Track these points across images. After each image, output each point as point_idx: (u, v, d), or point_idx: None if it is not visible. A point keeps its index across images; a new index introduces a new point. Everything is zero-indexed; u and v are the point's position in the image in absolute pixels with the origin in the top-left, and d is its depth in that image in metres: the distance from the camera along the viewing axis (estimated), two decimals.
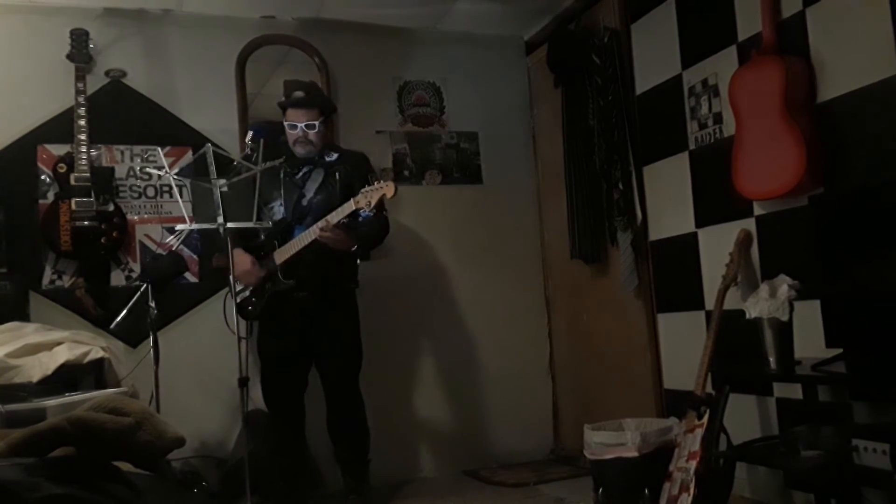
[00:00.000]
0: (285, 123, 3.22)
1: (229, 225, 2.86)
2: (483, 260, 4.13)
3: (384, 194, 2.87)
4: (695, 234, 3.19)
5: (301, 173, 3.26)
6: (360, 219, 3.08)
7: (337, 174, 3.19)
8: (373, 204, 2.87)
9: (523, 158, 4.31)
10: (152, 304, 3.16)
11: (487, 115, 4.25)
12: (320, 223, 2.97)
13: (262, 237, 3.24)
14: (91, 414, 1.33)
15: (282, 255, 3.13)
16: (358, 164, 3.29)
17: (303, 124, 3.17)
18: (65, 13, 3.52)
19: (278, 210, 3.23)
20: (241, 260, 3.12)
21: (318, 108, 3.22)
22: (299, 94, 3.26)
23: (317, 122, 3.19)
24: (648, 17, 3.43)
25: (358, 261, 3.37)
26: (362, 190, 2.92)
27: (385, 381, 3.75)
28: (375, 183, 2.90)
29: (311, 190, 3.22)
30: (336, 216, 2.96)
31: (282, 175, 3.22)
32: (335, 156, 3.29)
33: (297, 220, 3.18)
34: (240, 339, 2.90)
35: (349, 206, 2.94)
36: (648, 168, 3.46)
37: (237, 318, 3.12)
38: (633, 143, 3.48)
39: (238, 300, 3.16)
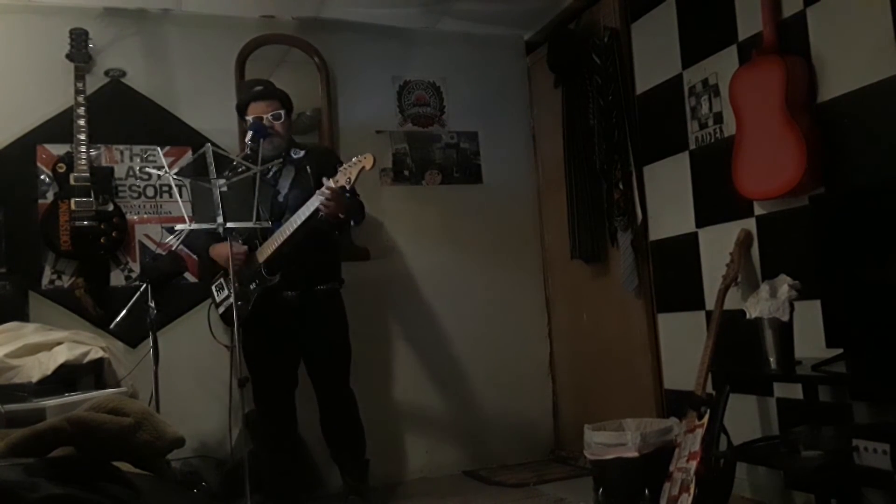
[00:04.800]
0: (248, 119, 3.16)
1: (229, 225, 2.85)
2: (483, 260, 4.13)
3: (363, 167, 2.79)
4: (695, 234, 3.19)
5: (271, 173, 3.20)
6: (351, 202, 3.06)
7: (308, 168, 3.14)
8: (353, 180, 2.80)
9: (523, 158, 4.31)
10: (152, 304, 3.15)
11: (487, 115, 4.25)
12: (323, 191, 2.85)
13: (241, 242, 3.13)
14: (91, 414, 1.33)
15: (263, 252, 3.07)
16: (327, 156, 3.26)
17: (268, 115, 3.13)
18: (64, 13, 3.52)
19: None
20: (219, 250, 3.05)
21: (279, 99, 3.19)
22: (258, 87, 3.22)
23: (281, 112, 3.16)
24: (649, 16, 3.42)
25: (341, 260, 3.34)
26: (340, 168, 2.85)
27: (385, 381, 3.75)
28: (353, 159, 2.83)
29: (284, 187, 3.18)
30: (332, 187, 2.86)
31: (257, 178, 3.11)
32: (302, 153, 3.24)
33: (276, 218, 3.11)
34: (229, 347, 2.88)
35: (331, 185, 2.85)
36: (649, 168, 3.46)
37: (228, 326, 3.12)
38: (633, 142, 3.48)
39: (223, 309, 3.14)
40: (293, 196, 3.14)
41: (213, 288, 3.23)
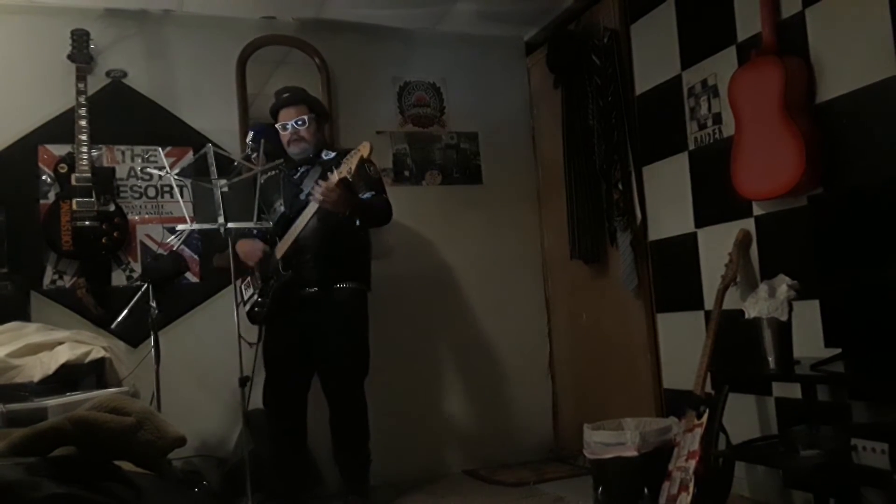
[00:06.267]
0: (278, 126, 3.26)
1: (230, 225, 2.87)
2: (483, 260, 4.14)
3: (361, 155, 2.83)
4: (694, 234, 3.19)
5: (298, 173, 3.29)
6: (362, 199, 3.14)
7: (333, 167, 3.16)
8: (353, 169, 2.84)
9: (523, 158, 4.32)
10: (153, 304, 3.16)
11: (487, 115, 4.25)
12: (317, 187, 2.93)
13: (267, 237, 3.27)
14: (92, 413, 1.34)
15: (281, 247, 3.14)
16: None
17: (293, 121, 3.22)
18: (65, 13, 3.53)
19: (280, 211, 3.27)
20: (242, 244, 3.19)
21: (307, 105, 3.27)
22: (285, 94, 3.31)
23: (306, 118, 3.22)
24: (648, 17, 3.43)
25: (369, 261, 3.37)
26: (343, 160, 2.90)
27: (384, 380, 3.75)
28: (352, 150, 2.88)
29: (308, 186, 3.22)
30: (331, 181, 2.92)
31: (280, 178, 3.27)
32: (332, 154, 3.30)
33: (295, 214, 3.17)
34: (253, 345, 2.93)
35: (334, 178, 2.90)
36: (648, 168, 3.46)
37: (253, 324, 3.16)
38: (632, 143, 3.49)
39: (248, 307, 3.21)
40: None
41: (242, 287, 3.27)
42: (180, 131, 3.71)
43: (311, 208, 3.00)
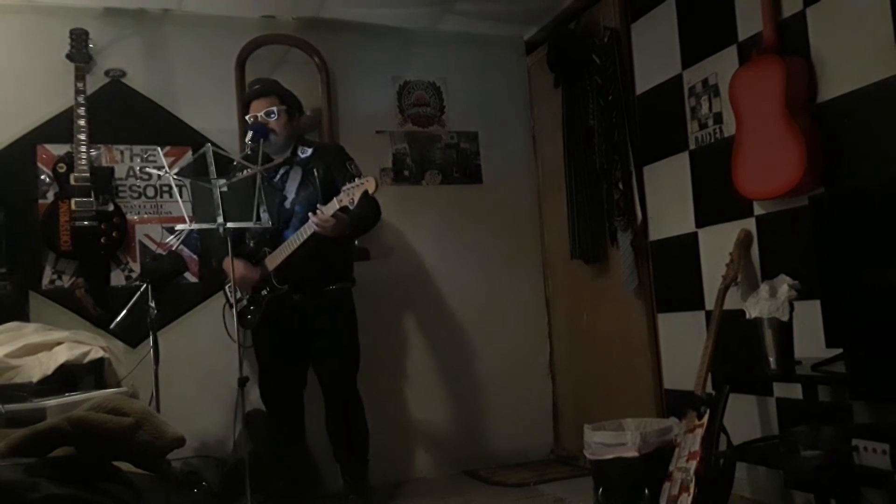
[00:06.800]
0: (248, 118, 3.18)
1: (229, 225, 2.85)
2: (483, 260, 4.13)
3: (366, 190, 2.79)
4: (695, 234, 3.19)
5: (278, 175, 3.21)
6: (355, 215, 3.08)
7: (315, 171, 3.13)
8: (356, 200, 2.81)
9: (523, 158, 4.31)
10: (152, 304, 3.16)
11: (487, 115, 4.25)
12: (314, 218, 2.89)
13: (251, 245, 3.21)
14: (91, 414, 1.33)
15: (273, 260, 3.10)
16: (336, 157, 3.21)
17: (261, 112, 3.14)
18: (64, 13, 3.52)
19: (263, 216, 3.17)
20: (236, 267, 3.04)
21: (276, 96, 3.18)
22: (256, 86, 3.26)
23: (274, 109, 3.14)
24: (649, 16, 3.43)
25: (352, 259, 3.36)
26: (344, 188, 2.86)
27: (385, 381, 3.75)
28: (356, 179, 2.85)
29: (291, 191, 3.18)
30: (329, 210, 2.90)
31: (259, 180, 3.08)
32: (310, 151, 3.23)
33: (283, 225, 3.14)
34: (243, 347, 2.90)
35: (333, 206, 2.87)
36: (649, 168, 3.46)
37: (243, 328, 3.15)
38: (633, 142, 3.48)
39: (237, 311, 3.17)
40: (300, 201, 3.15)
41: (228, 289, 3.22)
42: (179, 131, 3.70)
43: (307, 231, 2.95)
